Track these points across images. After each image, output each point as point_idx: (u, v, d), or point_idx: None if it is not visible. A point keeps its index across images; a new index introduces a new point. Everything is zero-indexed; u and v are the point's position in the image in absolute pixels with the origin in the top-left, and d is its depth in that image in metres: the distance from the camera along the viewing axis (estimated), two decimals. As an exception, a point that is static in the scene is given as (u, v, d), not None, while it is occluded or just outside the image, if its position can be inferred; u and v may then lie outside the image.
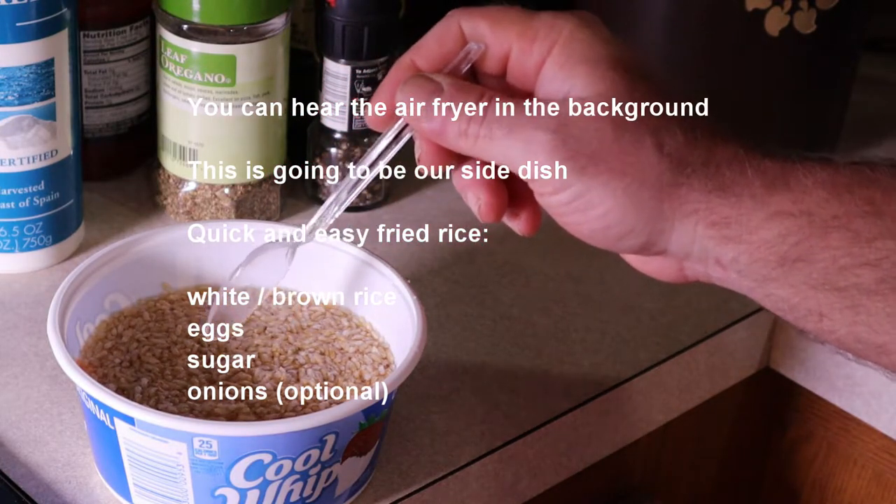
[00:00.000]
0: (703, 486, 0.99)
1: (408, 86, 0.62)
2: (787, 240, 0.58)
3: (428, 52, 0.64)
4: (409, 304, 0.72)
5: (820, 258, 0.57)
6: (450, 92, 0.62)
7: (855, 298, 0.57)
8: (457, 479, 0.75)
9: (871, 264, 0.56)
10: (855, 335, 0.58)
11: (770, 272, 0.58)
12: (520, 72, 0.63)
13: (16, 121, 0.81)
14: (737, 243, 0.58)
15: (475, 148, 0.61)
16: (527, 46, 0.62)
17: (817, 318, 0.58)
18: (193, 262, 0.77)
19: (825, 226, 0.57)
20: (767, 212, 0.58)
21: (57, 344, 0.67)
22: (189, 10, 0.85)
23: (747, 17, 0.92)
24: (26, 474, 0.71)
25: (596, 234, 0.61)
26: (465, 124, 0.61)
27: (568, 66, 0.61)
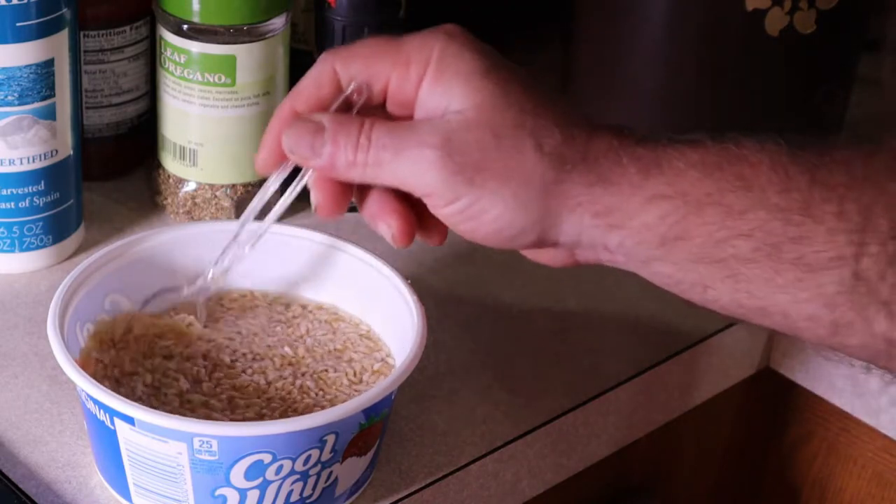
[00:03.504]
0: (703, 486, 0.99)
1: (292, 129, 0.65)
2: (665, 220, 0.61)
3: (307, 97, 0.66)
4: (409, 304, 0.72)
5: (697, 234, 0.60)
6: (332, 128, 0.64)
7: (734, 268, 0.60)
8: (457, 479, 0.75)
9: (745, 235, 0.59)
10: (737, 302, 0.61)
11: (653, 252, 0.61)
12: (401, 98, 0.65)
13: (16, 121, 0.81)
14: (620, 229, 0.61)
15: (366, 176, 0.63)
16: (403, 72, 0.64)
17: (702, 290, 0.62)
18: (193, 262, 0.77)
19: (699, 203, 0.60)
20: (644, 196, 0.61)
21: (57, 344, 0.67)
22: (189, 10, 0.85)
23: (747, 17, 0.92)
24: (26, 474, 0.71)
25: (489, 237, 0.63)
26: (353, 155, 0.63)
27: (443, 82, 0.63)
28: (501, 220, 0.62)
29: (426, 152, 0.62)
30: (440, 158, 0.61)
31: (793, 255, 0.59)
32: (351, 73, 0.65)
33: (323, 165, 0.64)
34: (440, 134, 0.62)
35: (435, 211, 0.63)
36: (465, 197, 0.62)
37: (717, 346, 0.87)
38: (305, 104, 0.66)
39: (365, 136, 0.63)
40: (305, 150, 0.64)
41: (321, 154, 0.64)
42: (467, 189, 0.62)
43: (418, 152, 0.62)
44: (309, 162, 0.65)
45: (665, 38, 0.95)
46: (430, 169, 0.62)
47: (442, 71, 0.63)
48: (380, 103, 0.66)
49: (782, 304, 0.60)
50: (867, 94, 1.09)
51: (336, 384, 0.72)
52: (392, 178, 0.63)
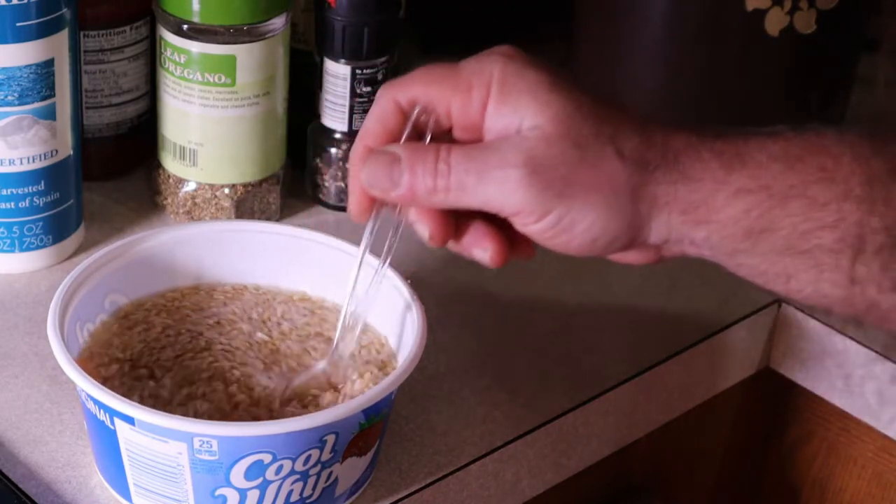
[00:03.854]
0: (703, 486, 0.99)
1: (367, 165, 0.65)
2: (750, 214, 0.61)
3: (375, 133, 0.66)
4: (409, 304, 0.72)
5: (782, 226, 0.61)
6: (407, 156, 0.64)
7: (818, 258, 0.61)
8: (457, 479, 0.75)
9: (830, 226, 0.60)
10: (820, 291, 0.62)
11: (739, 245, 0.62)
12: (466, 122, 0.64)
13: (16, 121, 0.81)
14: (706, 224, 0.62)
15: (449, 201, 0.63)
16: (465, 98, 0.64)
17: (785, 280, 0.62)
18: (193, 262, 0.77)
19: (783, 196, 0.61)
20: (729, 191, 0.61)
21: (57, 344, 0.67)
22: (189, 10, 0.85)
23: (747, 17, 0.92)
24: (26, 474, 0.71)
25: (584, 247, 0.63)
26: (432, 181, 0.63)
27: (510, 101, 0.63)
28: (594, 229, 0.62)
29: (510, 172, 0.61)
30: (526, 176, 0.61)
31: (875, 245, 0.60)
32: (412, 100, 0.65)
33: (403, 195, 0.64)
34: (522, 152, 0.62)
35: (524, 229, 0.63)
36: (555, 210, 0.62)
37: (717, 346, 0.87)
38: (376, 141, 0.66)
39: (443, 161, 0.63)
40: (385, 182, 0.64)
41: (400, 184, 0.64)
42: (557, 203, 0.61)
43: (502, 173, 0.62)
44: (390, 194, 0.64)
45: (665, 38, 0.95)
46: (518, 188, 0.61)
47: (507, 91, 0.63)
48: (446, 129, 0.65)
49: (869, 293, 0.61)
50: (867, 94, 1.09)
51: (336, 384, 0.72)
52: (477, 201, 0.63)
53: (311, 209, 0.94)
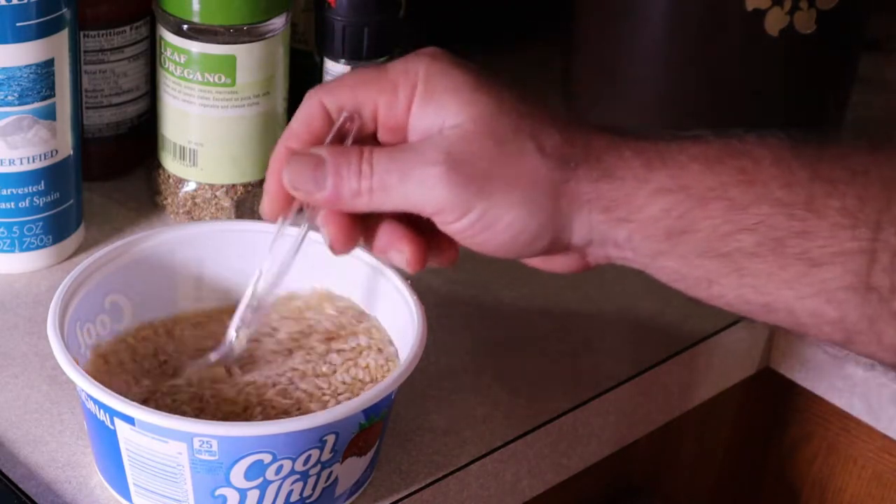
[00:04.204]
0: (703, 486, 0.99)
1: (291, 166, 0.65)
2: (670, 214, 0.61)
3: (299, 135, 0.66)
4: (409, 304, 0.72)
5: (702, 227, 0.61)
6: (332, 159, 0.64)
7: (738, 262, 0.60)
8: (457, 479, 0.75)
9: (749, 229, 0.60)
10: (742, 297, 0.61)
11: (659, 246, 0.62)
12: (391, 123, 0.64)
13: (16, 121, 0.81)
14: (627, 223, 0.62)
15: (373, 203, 0.63)
16: (391, 98, 0.64)
17: (707, 285, 0.62)
18: (193, 262, 0.77)
19: (703, 197, 0.61)
20: (649, 189, 0.61)
21: (57, 344, 0.67)
22: (189, 10, 0.85)
23: (747, 17, 0.92)
24: (26, 474, 0.71)
25: (504, 245, 0.63)
26: (356, 183, 0.63)
27: (434, 100, 0.63)
28: (515, 225, 0.62)
29: (431, 170, 0.62)
30: (446, 172, 0.61)
31: (797, 249, 0.59)
32: (339, 104, 0.65)
33: (328, 197, 0.64)
34: (442, 149, 0.62)
35: (446, 228, 0.63)
36: (476, 208, 0.62)
37: (717, 346, 0.87)
38: (299, 142, 0.66)
39: (367, 162, 0.63)
40: (308, 184, 0.64)
41: (325, 186, 0.64)
42: (477, 199, 0.61)
43: (423, 171, 0.62)
44: (314, 196, 0.64)
45: (665, 38, 0.95)
46: (438, 185, 0.61)
47: (431, 90, 0.63)
48: (371, 133, 0.65)
49: (787, 299, 0.60)
50: (867, 94, 1.09)
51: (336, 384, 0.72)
52: (400, 201, 0.63)
53: (310, 209, 0.94)
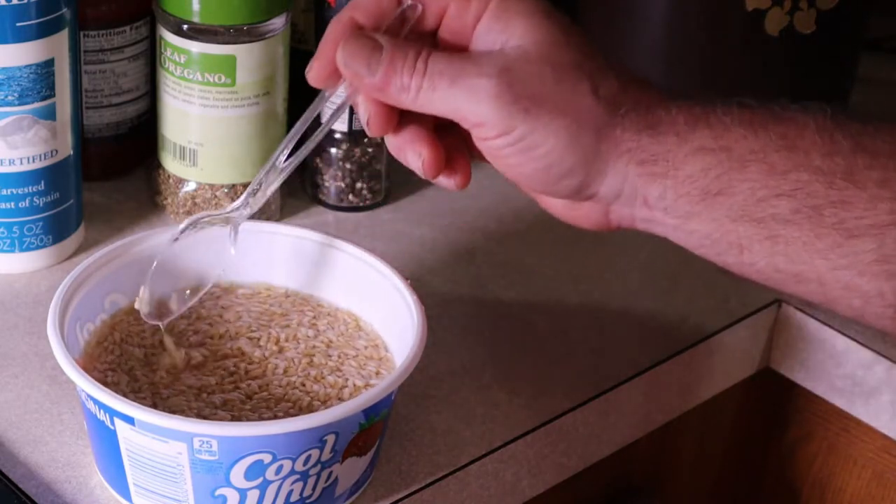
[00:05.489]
0: (703, 486, 0.99)
1: (349, 44, 0.64)
2: (708, 174, 0.61)
3: (365, 8, 0.66)
4: (409, 304, 0.72)
5: (739, 190, 0.60)
6: (390, 49, 0.64)
7: (773, 229, 0.60)
8: (457, 479, 0.75)
9: (787, 195, 0.60)
10: (774, 265, 0.61)
11: (693, 207, 0.61)
12: (457, 27, 0.65)
13: (16, 121, 0.81)
14: (663, 179, 0.62)
15: (417, 100, 0.63)
16: (464, 3, 0.64)
17: (738, 251, 0.62)
18: (193, 262, 0.77)
19: (743, 160, 0.60)
20: (690, 147, 0.61)
21: (57, 344, 0.67)
22: (189, 10, 0.85)
23: (747, 17, 0.92)
24: (26, 474, 0.71)
25: (537, 174, 0.63)
26: (408, 78, 0.63)
27: (504, 19, 0.63)
28: (552, 155, 0.62)
29: (483, 81, 0.62)
30: (497, 86, 0.61)
31: (833, 219, 0.59)
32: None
33: (375, 84, 0.64)
34: (499, 64, 0.62)
35: (484, 144, 0.63)
36: (519, 128, 0.62)
37: (717, 346, 0.87)
38: (364, 15, 0.66)
39: (422, 60, 0.63)
40: (360, 65, 0.64)
41: (375, 72, 0.63)
42: (522, 119, 0.61)
43: (475, 81, 0.62)
44: (363, 79, 0.64)
45: (665, 37, 0.95)
46: (487, 98, 0.61)
47: (505, 8, 0.63)
48: (433, 29, 0.65)
49: (819, 269, 0.60)
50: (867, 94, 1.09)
51: (336, 384, 0.72)
52: (443, 106, 0.63)
53: (310, 209, 0.94)
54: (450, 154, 0.66)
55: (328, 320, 0.76)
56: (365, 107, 0.65)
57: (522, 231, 0.93)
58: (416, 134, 0.66)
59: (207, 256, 0.77)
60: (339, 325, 0.76)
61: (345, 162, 0.92)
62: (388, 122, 0.65)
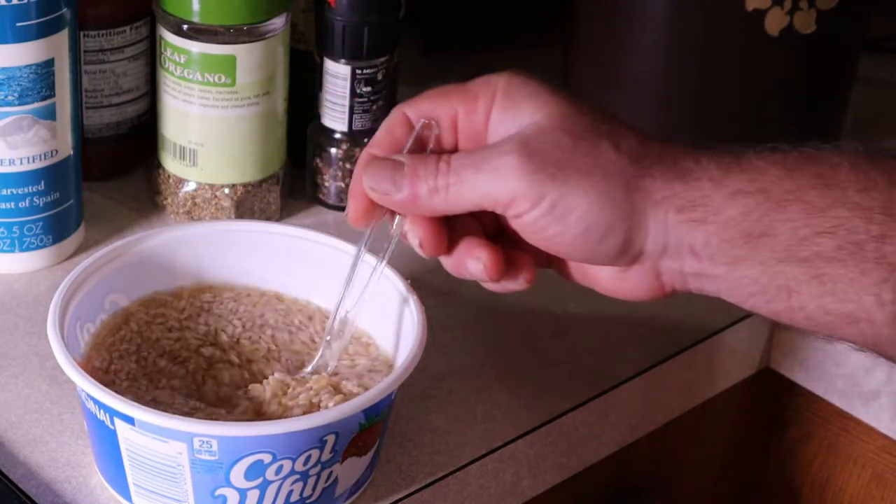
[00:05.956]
0: (703, 486, 0.99)
1: (371, 168, 0.66)
2: (749, 216, 0.61)
3: (381, 143, 0.67)
4: (409, 304, 0.72)
5: (781, 231, 0.61)
6: (410, 162, 0.65)
7: (818, 268, 0.60)
8: (457, 479, 0.75)
9: (828, 232, 0.60)
10: (824, 307, 0.61)
11: (738, 251, 0.62)
12: (471, 131, 0.66)
13: (16, 121, 0.81)
14: (704, 224, 0.62)
15: (449, 199, 0.64)
16: (471, 106, 0.66)
17: (787, 295, 0.61)
18: (193, 262, 0.77)
19: (781, 200, 0.61)
20: (727, 192, 0.61)
21: (57, 344, 0.67)
22: (189, 10, 0.85)
23: (747, 17, 0.92)
24: (26, 474, 0.71)
25: (577, 239, 0.63)
26: (434, 181, 0.64)
27: (512, 106, 0.65)
28: (588, 217, 0.62)
29: (505, 159, 0.62)
30: (518, 161, 0.62)
31: (876, 254, 0.59)
32: (420, 113, 0.67)
33: (405, 198, 0.65)
34: (516, 140, 0.63)
35: (519, 221, 0.64)
36: (549, 195, 0.62)
37: (717, 346, 0.87)
38: (381, 149, 0.67)
39: (444, 162, 0.64)
40: (387, 185, 0.65)
41: (403, 187, 0.65)
42: (550, 186, 0.62)
43: (497, 160, 0.63)
44: (392, 197, 0.65)
45: (665, 37, 0.95)
46: (511, 172, 0.62)
47: (510, 97, 0.64)
48: (451, 146, 0.67)
49: (868, 306, 0.60)
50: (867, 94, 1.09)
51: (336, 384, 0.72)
52: (474, 195, 0.63)
53: (310, 209, 0.94)
54: (511, 257, 0.67)
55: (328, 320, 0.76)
56: (413, 232, 0.66)
57: (522, 231, 0.93)
58: (470, 244, 0.66)
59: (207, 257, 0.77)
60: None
61: (345, 162, 0.92)
62: (440, 241, 0.66)
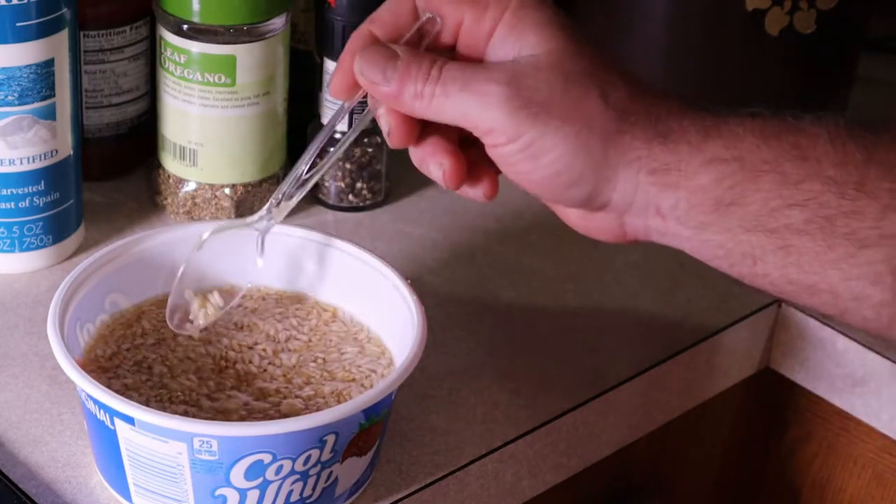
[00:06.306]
0: (703, 486, 0.99)
1: (365, 53, 0.65)
2: (721, 184, 0.61)
3: (383, 22, 0.67)
4: (409, 304, 0.72)
5: (752, 200, 0.60)
6: (405, 57, 0.64)
7: (786, 239, 0.60)
8: (457, 479, 0.75)
9: (800, 205, 0.60)
10: (787, 277, 0.61)
11: (706, 217, 0.61)
12: (472, 39, 0.65)
13: (16, 121, 0.81)
14: (675, 189, 0.62)
15: (431, 107, 0.64)
16: (479, 14, 0.65)
17: (751, 262, 0.62)
18: (193, 262, 0.77)
19: (756, 170, 0.61)
20: (703, 158, 0.61)
21: (57, 344, 0.67)
22: (189, 10, 0.85)
23: (747, 17, 0.92)
24: (26, 474, 0.71)
25: (546, 181, 0.63)
26: (421, 85, 0.64)
27: (518, 29, 0.64)
28: (561, 162, 0.62)
29: (492, 87, 0.62)
30: (505, 93, 0.62)
31: (846, 229, 0.59)
32: (428, 5, 0.66)
33: (390, 92, 0.64)
34: (509, 71, 0.62)
35: (494, 150, 0.64)
36: (527, 134, 0.62)
37: (717, 346, 0.87)
38: (382, 29, 0.67)
39: (437, 68, 0.64)
40: (376, 74, 0.65)
41: (390, 80, 0.64)
42: (530, 125, 0.62)
43: (486, 86, 0.62)
44: (378, 88, 0.65)
45: (665, 37, 0.95)
46: (495, 104, 0.62)
47: (517, 19, 0.64)
48: (450, 44, 0.66)
49: (832, 280, 0.60)
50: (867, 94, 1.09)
51: (336, 384, 0.72)
52: (456, 112, 0.63)
53: (311, 209, 0.94)
54: (475, 166, 0.67)
55: (327, 320, 0.76)
56: (385, 119, 0.66)
57: (522, 231, 0.93)
58: (437, 145, 0.66)
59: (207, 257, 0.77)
60: (339, 325, 0.76)
61: (345, 162, 0.92)
62: (410, 134, 0.66)
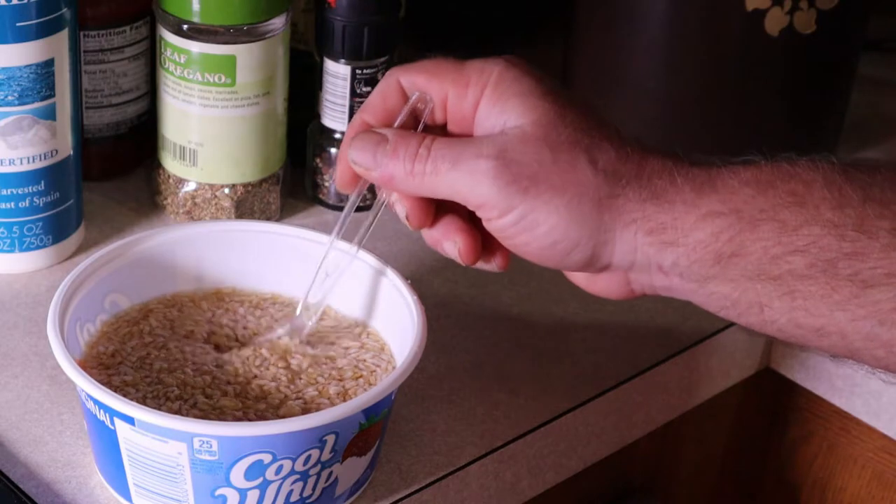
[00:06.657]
0: (703, 486, 0.99)
1: (356, 141, 0.67)
2: (720, 237, 0.61)
3: (374, 108, 0.68)
4: (409, 304, 0.72)
5: (753, 250, 0.61)
6: (394, 139, 0.65)
7: (790, 284, 0.60)
8: (457, 479, 0.75)
9: (801, 250, 0.60)
10: (795, 321, 0.61)
11: (709, 270, 0.62)
12: (458, 114, 0.66)
13: (16, 121, 0.81)
14: (674, 247, 0.62)
15: (423, 185, 0.65)
16: (461, 91, 0.66)
17: (759, 310, 0.62)
18: (193, 263, 0.77)
19: (754, 219, 0.61)
20: (699, 213, 0.61)
21: (57, 344, 0.67)
22: (189, 10, 0.85)
23: (747, 17, 0.92)
24: (26, 474, 0.71)
25: (544, 251, 0.64)
26: (412, 164, 0.65)
27: (500, 102, 0.65)
28: (556, 231, 0.63)
29: (481, 163, 0.63)
30: (495, 168, 0.63)
31: (848, 271, 0.59)
32: (414, 85, 0.67)
33: (382, 175, 0.66)
34: (497, 146, 0.63)
35: (489, 224, 0.64)
36: (518, 207, 0.63)
37: (717, 346, 0.87)
38: (374, 116, 0.68)
39: (425, 147, 0.64)
40: (367, 160, 0.66)
41: (381, 164, 0.65)
42: (521, 199, 0.62)
43: (474, 163, 0.63)
44: (370, 173, 0.66)
45: (665, 38, 0.95)
46: (485, 179, 0.63)
47: (501, 92, 0.65)
48: (442, 123, 0.67)
49: (840, 322, 0.60)
50: (867, 94, 1.09)
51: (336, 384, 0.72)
52: (448, 188, 0.64)
53: (311, 209, 0.94)
54: (488, 240, 0.67)
55: (327, 320, 0.76)
56: (400, 204, 0.67)
57: (522, 231, 0.93)
58: (450, 225, 0.67)
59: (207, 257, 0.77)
60: (339, 325, 0.76)
61: (345, 162, 0.92)
62: (426, 214, 0.67)
